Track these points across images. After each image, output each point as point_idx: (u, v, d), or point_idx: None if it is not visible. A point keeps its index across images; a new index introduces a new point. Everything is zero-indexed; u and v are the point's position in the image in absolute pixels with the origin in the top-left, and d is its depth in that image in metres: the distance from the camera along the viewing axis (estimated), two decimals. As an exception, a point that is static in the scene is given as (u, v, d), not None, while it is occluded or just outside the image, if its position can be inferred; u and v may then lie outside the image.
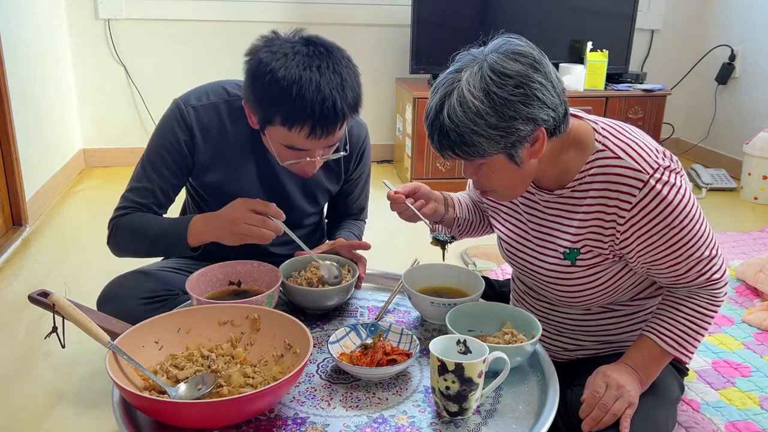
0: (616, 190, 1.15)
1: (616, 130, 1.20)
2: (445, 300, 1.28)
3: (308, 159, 1.32)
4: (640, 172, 1.13)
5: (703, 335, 1.24)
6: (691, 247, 1.16)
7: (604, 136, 1.18)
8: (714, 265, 1.19)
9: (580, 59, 3.52)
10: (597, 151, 1.18)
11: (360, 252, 1.47)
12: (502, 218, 1.38)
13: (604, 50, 3.44)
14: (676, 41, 4.01)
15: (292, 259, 1.43)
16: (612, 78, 3.60)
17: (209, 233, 1.36)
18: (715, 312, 1.24)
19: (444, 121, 1.08)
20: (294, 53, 1.23)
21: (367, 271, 1.46)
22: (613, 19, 3.56)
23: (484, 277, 1.48)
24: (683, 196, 1.14)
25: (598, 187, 1.18)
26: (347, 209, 1.69)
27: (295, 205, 1.55)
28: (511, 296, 1.49)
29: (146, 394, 1.00)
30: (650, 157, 1.14)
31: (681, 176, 1.16)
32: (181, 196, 1.59)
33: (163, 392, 1.02)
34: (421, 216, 1.35)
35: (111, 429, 1.53)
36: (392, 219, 1.36)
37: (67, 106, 3.37)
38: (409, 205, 1.33)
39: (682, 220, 1.14)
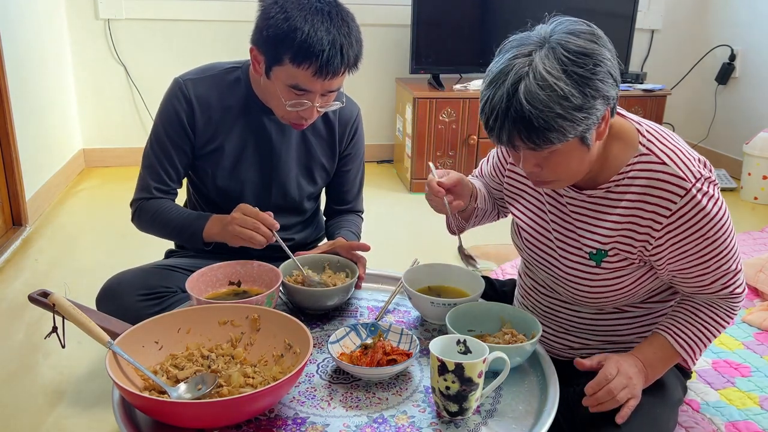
0: (657, 196, 1.15)
1: (661, 135, 1.19)
2: (445, 300, 1.28)
3: (307, 103, 1.38)
4: (684, 180, 1.13)
5: (710, 343, 1.25)
6: (721, 259, 1.17)
7: (649, 140, 1.17)
8: (738, 279, 1.21)
9: (580, 59, 3.52)
10: (641, 154, 1.17)
11: (360, 252, 1.47)
12: (523, 206, 1.35)
13: (604, 50, 3.44)
14: (676, 41, 4.00)
15: (292, 259, 1.43)
16: (612, 78, 3.60)
17: (218, 233, 1.43)
18: (729, 323, 1.25)
19: (523, 107, 1.01)
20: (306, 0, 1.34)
21: (367, 271, 1.46)
22: (613, 19, 3.55)
23: (484, 277, 1.48)
24: (720, 209, 1.14)
25: (637, 191, 1.17)
26: (343, 197, 1.70)
27: (292, 179, 1.58)
28: (516, 291, 1.48)
29: (146, 394, 1.00)
30: (694, 166, 1.15)
31: (718, 188, 1.17)
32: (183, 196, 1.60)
33: (163, 392, 1.02)
34: (452, 217, 1.34)
35: (111, 429, 1.53)
36: (392, 219, 1.36)
37: (67, 106, 3.36)
38: (446, 204, 1.27)
39: (717, 232, 1.14)
